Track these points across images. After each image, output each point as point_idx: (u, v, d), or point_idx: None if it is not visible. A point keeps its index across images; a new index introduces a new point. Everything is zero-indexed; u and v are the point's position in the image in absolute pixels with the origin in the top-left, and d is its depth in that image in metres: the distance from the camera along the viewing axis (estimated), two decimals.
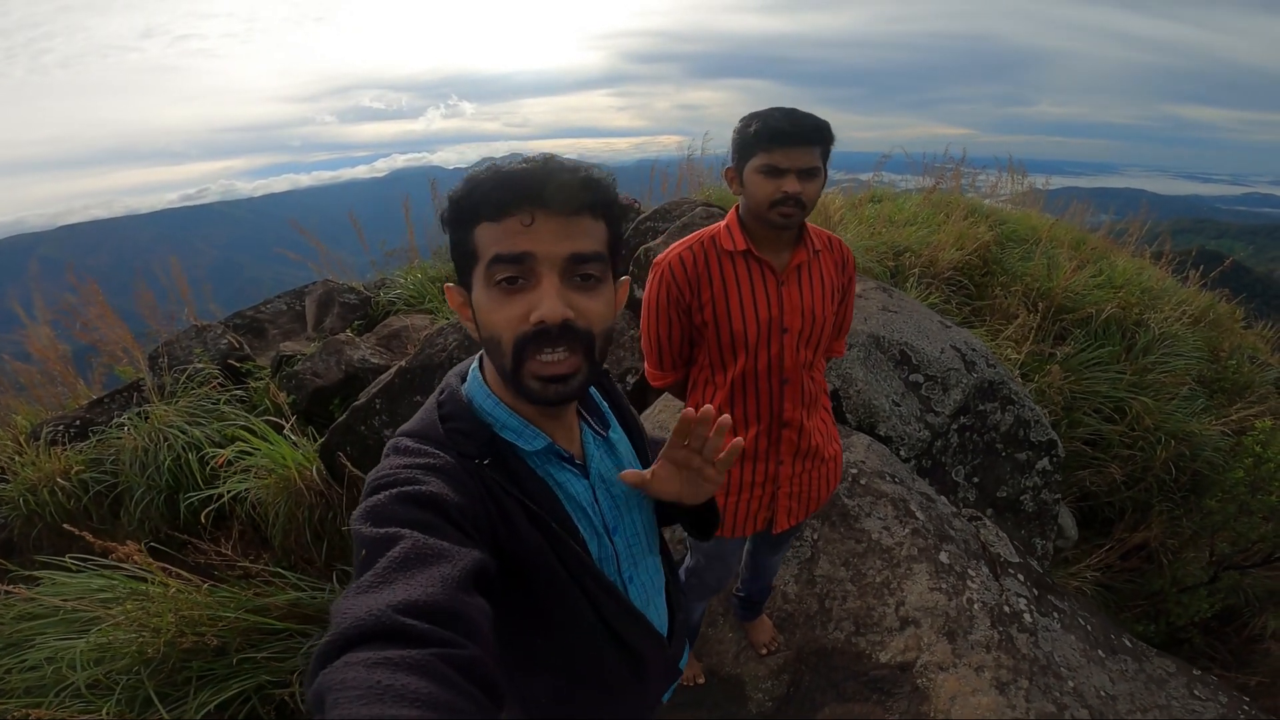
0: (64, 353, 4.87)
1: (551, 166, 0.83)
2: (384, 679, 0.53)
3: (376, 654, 0.56)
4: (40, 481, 3.32)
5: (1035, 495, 3.37)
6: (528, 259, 0.81)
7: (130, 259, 6.83)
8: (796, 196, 1.52)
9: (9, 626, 2.29)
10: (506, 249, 0.81)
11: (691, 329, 1.72)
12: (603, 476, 1.03)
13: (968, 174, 7.31)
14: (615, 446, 1.08)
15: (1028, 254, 5.62)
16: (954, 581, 2.36)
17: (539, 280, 0.83)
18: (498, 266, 0.82)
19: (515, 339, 0.83)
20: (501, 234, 0.81)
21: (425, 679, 0.55)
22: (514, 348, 0.84)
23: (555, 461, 0.97)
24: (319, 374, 4.15)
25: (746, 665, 2.29)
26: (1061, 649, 2.30)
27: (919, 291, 4.61)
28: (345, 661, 0.55)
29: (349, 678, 0.53)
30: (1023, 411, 3.37)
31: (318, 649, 0.59)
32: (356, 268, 6.28)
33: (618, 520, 1.05)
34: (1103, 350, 4.69)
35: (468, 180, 0.85)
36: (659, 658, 1.11)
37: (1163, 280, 6.04)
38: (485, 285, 0.84)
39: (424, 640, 0.59)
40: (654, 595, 1.14)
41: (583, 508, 0.99)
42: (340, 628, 0.59)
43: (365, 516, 0.75)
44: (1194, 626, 3.61)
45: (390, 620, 0.59)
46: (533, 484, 0.92)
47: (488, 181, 0.82)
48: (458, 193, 0.85)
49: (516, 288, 0.83)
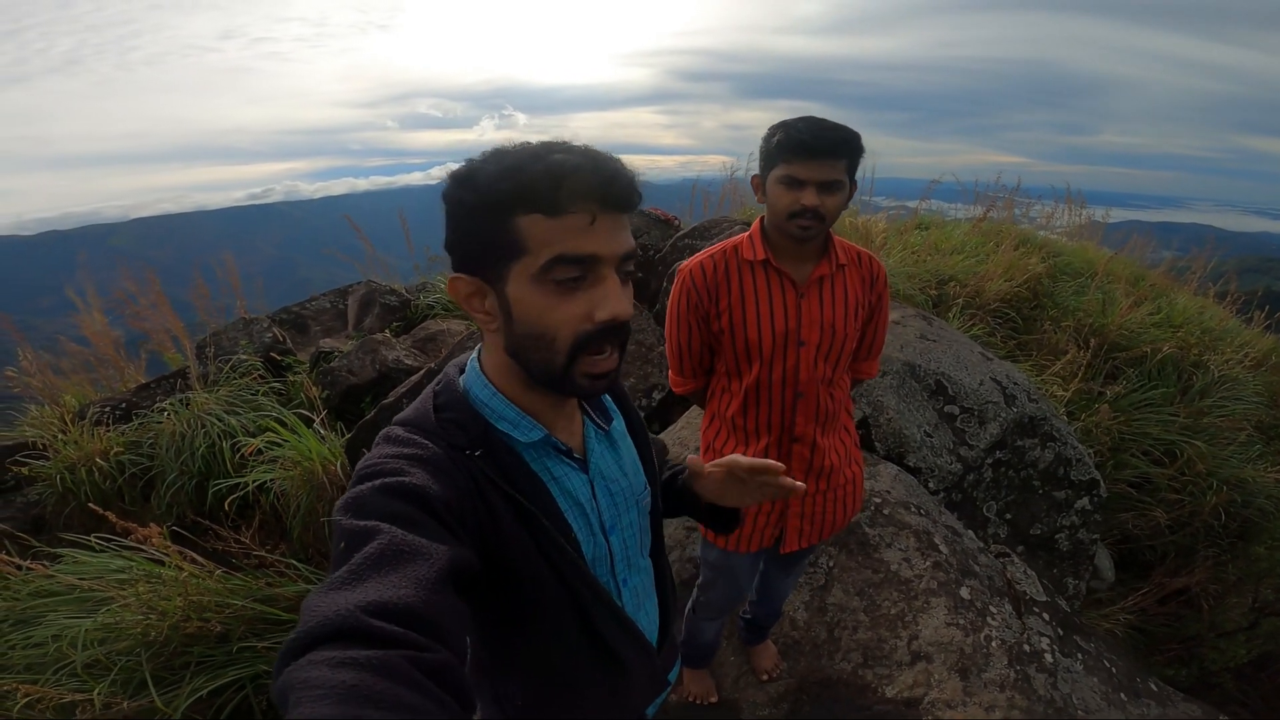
0: (117, 338, 5.05)
1: (602, 162, 0.80)
2: (349, 679, 0.52)
3: (342, 653, 0.55)
4: (79, 460, 3.41)
5: (1072, 534, 3.24)
6: (592, 260, 0.80)
7: (193, 253, 7.15)
8: (814, 210, 1.49)
9: (23, 602, 2.34)
10: (571, 250, 0.79)
11: (710, 337, 1.71)
12: (602, 472, 1.01)
13: (1021, 203, 7.14)
14: (617, 442, 1.06)
15: (1082, 288, 5.44)
16: (973, 618, 2.27)
17: (601, 279, 0.82)
18: (560, 267, 0.79)
19: (576, 337, 0.82)
20: (562, 232, 0.79)
21: (391, 680, 0.53)
22: (572, 345, 0.83)
23: (553, 455, 0.95)
24: (354, 371, 4.22)
25: (745, 690, 2.22)
26: (1081, 691, 2.19)
27: (962, 322, 4.50)
28: (310, 659, 0.55)
29: (313, 676, 0.52)
30: (1064, 449, 3.24)
31: (284, 644, 0.58)
32: (401, 271, 6.40)
33: (615, 518, 1.03)
34: (1156, 391, 4.49)
35: (508, 168, 0.79)
36: (645, 667, 1.08)
37: (1225, 321, 5.79)
38: (535, 283, 0.81)
39: (392, 642, 0.58)
40: (645, 600, 1.12)
41: (580, 504, 0.97)
42: (308, 625, 0.58)
43: (346, 507, 0.74)
44: (1227, 672, 3.45)
45: (358, 621, 0.58)
46: (524, 478, 0.90)
47: (546, 172, 0.78)
48: (490, 178, 0.79)
49: (574, 286, 0.81)
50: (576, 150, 0.80)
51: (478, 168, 0.81)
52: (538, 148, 0.80)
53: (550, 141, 0.82)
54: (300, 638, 0.57)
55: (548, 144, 0.81)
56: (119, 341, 5.05)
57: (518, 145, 0.82)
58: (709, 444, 1.82)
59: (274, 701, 0.54)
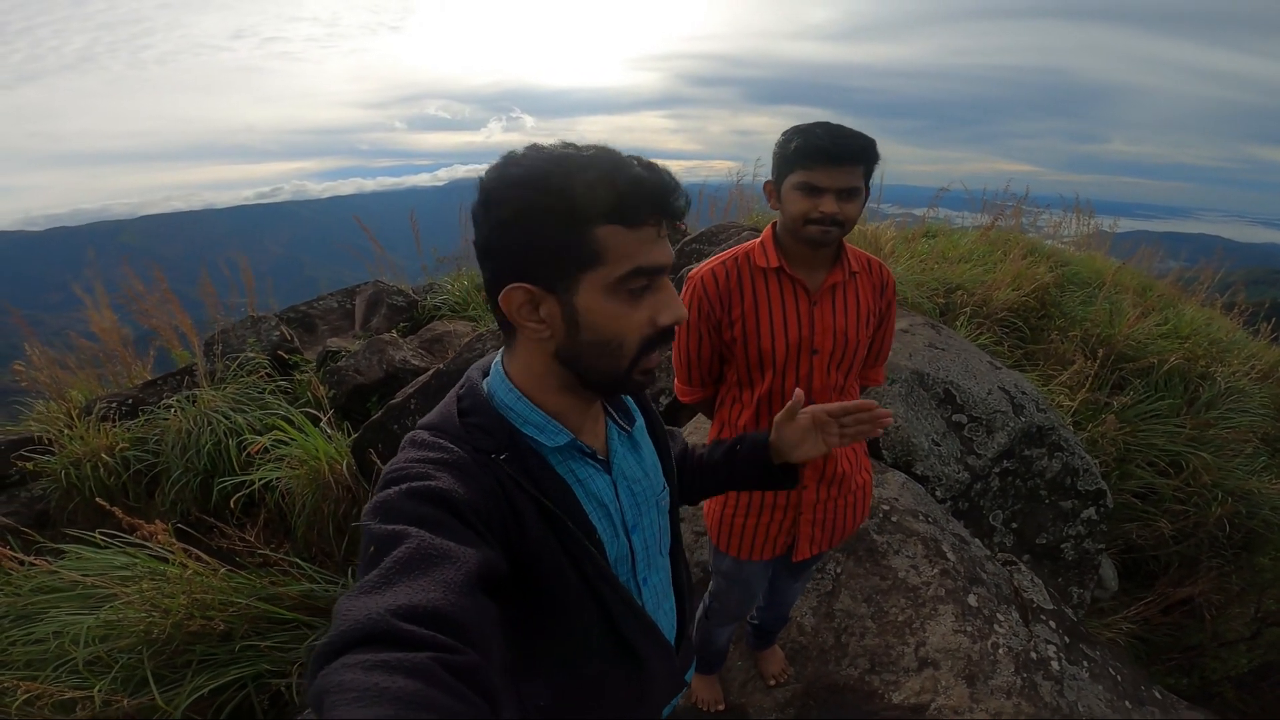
0: (126, 335, 5.06)
1: (663, 174, 0.81)
2: (381, 681, 0.53)
3: (374, 656, 0.56)
4: (84, 456, 3.42)
5: (1077, 544, 3.23)
6: (662, 270, 0.84)
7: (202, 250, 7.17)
8: (833, 217, 1.48)
9: (25, 598, 2.34)
10: (649, 261, 0.82)
11: (721, 345, 1.68)
12: (625, 473, 1.02)
13: (1029, 212, 7.13)
14: (639, 443, 1.07)
15: (1089, 298, 5.43)
16: (980, 625, 2.25)
17: (660, 286, 0.85)
18: (636, 278, 0.82)
19: (642, 341, 0.85)
20: (639, 243, 0.80)
21: (422, 682, 0.54)
22: (638, 349, 0.86)
23: (578, 457, 0.96)
24: (360, 371, 4.22)
25: (752, 696, 2.21)
26: (1087, 699, 2.18)
27: (969, 331, 4.49)
28: (344, 663, 0.55)
29: (346, 679, 0.53)
30: (1072, 459, 3.23)
31: (318, 649, 0.59)
32: (408, 271, 6.43)
33: (637, 518, 1.03)
34: (1163, 402, 4.48)
35: (587, 174, 0.77)
36: (665, 667, 1.08)
37: (1233, 332, 5.77)
38: (608, 291, 0.82)
39: (422, 644, 0.58)
40: (664, 599, 1.12)
41: (604, 505, 0.97)
42: (340, 629, 0.59)
43: (375, 511, 0.75)
44: (1228, 681, 3.44)
45: (388, 625, 0.59)
46: (550, 481, 0.90)
47: (628, 182, 0.77)
48: (576, 185, 0.76)
49: (643, 294, 0.84)
50: (640, 161, 0.81)
51: (546, 170, 0.77)
52: (613, 155, 0.80)
53: (604, 147, 0.81)
54: (333, 641, 0.58)
55: (609, 151, 0.80)
56: (127, 338, 5.07)
57: (579, 149, 0.80)
58: None
59: (309, 705, 0.56)
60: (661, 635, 1.06)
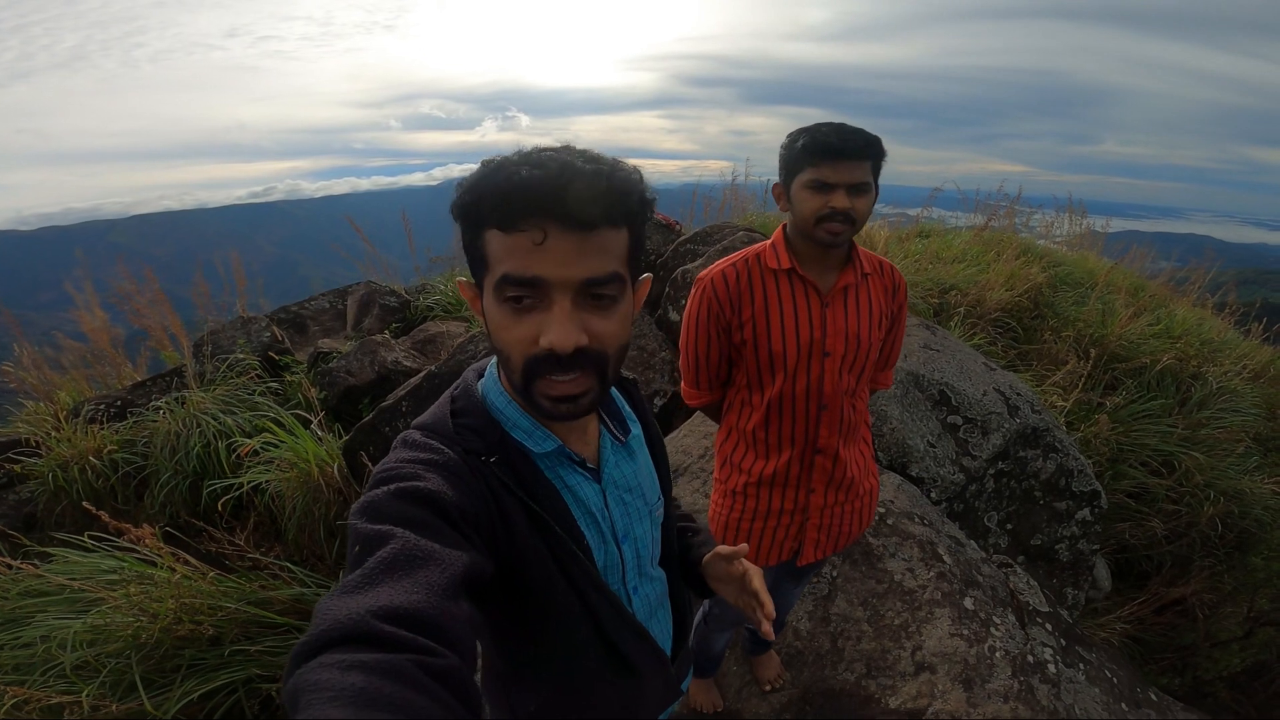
0: (116, 335, 5.02)
1: (569, 173, 0.73)
2: (358, 681, 0.52)
3: (352, 656, 0.54)
4: (72, 458, 3.38)
5: (1072, 545, 3.23)
6: (539, 283, 0.75)
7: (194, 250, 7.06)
8: (846, 212, 1.46)
9: (12, 602, 2.31)
10: (515, 270, 0.75)
11: (730, 348, 1.66)
12: (616, 482, 1.00)
13: (1022, 212, 7.14)
14: (635, 452, 1.04)
15: (1082, 298, 5.44)
16: (977, 628, 2.25)
17: (550, 303, 0.77)
18: (506, 286, 0.76)
19: (525, 360, 0.79)
20: (511, 249, 0.75)
21: (399, 684, 0.53)
22: (523, 368, 0.80)
23: (566, 464, 0.94)
24: (352, 372, 4.19)
25: (748, 701, 2.20)
26: (1084, 702, 2.18)
27: (963, 331, 4.49)
28: (321, 662, 0.54)
29: (323, 679, 0.52)
30: (1066, 460, 3.23)
31: (296, 647, 0.58)
32: (401, 272, 6.40)
33: (628, 528, 1.02)
34: (1155, 402, 4.49)
35: (477, 179, 0.76)
36: (659, 675, 1.07)
37: (1224, 332, 5.79)
38: (495, 299, 0.79)
39: (401, 646, 0.57)
40: (658, 609, 1.11)
41: (592, 513, 0.96)
42: (320, 628, 0.58)
43: (361, 511, 0.73)
44: (1221, 681, 3.45)
45: (368, 625, 0.58)
46: (539, 485, 0.89)
47: (497, 186, 0.74)
48: (465, 192, 0.77)
49: (525, 307, 0.77)
50: (557, 161, 0.74)
51: (479, 173, 0.78)
52: (512, 158, 0.76)
53: (539, 149, 0.77)
54: (311, 641, 0.57)
55: (528, 154, 0.76)
56: (118, 338, 5.04)
57: (512, 153, 0.77)
58: (726, 458, 1.79)
59: (284, 703, 0.54)
60: (654, 643, 1.05)
